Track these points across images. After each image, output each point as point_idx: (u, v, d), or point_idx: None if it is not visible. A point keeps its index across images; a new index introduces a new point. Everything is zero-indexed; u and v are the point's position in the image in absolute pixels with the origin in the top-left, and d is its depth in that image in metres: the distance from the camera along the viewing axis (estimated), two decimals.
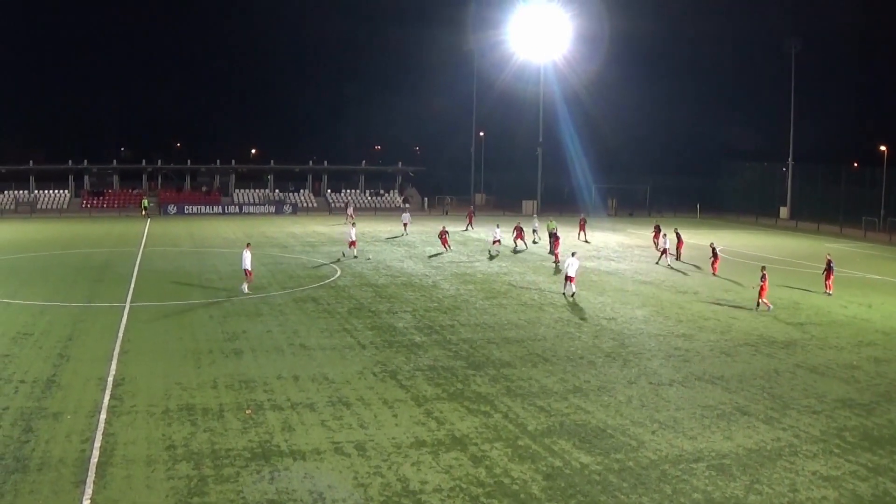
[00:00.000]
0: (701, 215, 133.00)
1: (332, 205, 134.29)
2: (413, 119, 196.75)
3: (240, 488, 23.16)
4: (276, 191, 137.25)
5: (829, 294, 57.43)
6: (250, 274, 53.86)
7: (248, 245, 56.96)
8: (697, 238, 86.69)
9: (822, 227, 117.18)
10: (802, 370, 38.23)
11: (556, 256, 71.79)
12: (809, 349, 42.53)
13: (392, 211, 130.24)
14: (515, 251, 79.09)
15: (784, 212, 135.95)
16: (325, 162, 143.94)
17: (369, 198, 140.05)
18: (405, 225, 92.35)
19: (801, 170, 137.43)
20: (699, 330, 46.25)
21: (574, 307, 51.52)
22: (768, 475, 25.43)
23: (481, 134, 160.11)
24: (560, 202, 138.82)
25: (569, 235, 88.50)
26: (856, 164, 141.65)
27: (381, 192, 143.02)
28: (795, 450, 27.76)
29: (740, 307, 52.99)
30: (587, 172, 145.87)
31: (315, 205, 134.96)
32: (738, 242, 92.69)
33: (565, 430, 28.93)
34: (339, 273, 62.60)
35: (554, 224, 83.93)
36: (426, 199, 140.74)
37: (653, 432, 29.04)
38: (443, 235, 78.11)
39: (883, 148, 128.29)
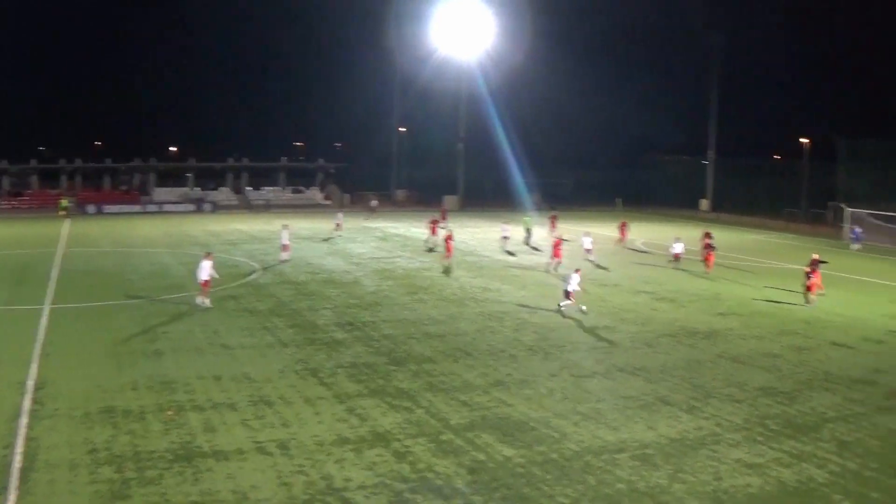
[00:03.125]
0: (623, 208, 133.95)
1: (252, 202, 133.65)
2: (335, 115, 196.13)
3: (163, 490, 23.10)
4: (196, 188, 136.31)
5: (823, 294, 55.10)
6: (206, 285, 49.40)
7: (208, 254, 51.47)
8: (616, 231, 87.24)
9: (743, 218, 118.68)
10: (724, 360, 38.89)
11: (557, 258, 65.03)
12: (731, 339, 43.25)
13: (313, 208, 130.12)
14: (430, 249, 78.85)
15: (705, 204, 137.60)
16: (246, 159, 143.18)
17: (290, 195, 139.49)
18: (338, 225, 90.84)
19: (723, 163, 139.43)
20: (620, 322, 46.78)
21: (496, 302, 51.78)
22: (692, 464, 25.88)
23: (403, 129, 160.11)
24: (482, 197, 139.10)
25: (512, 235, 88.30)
26: (778, 157, 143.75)
27: (302, 189, 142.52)
28: (718, 438, 28.28)
29: (661, 299, 53.64)
30: (511, 167, 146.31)
31: (235, 202, 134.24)
32: (660, 235, 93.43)
33: (488, 424, 29.19)
34: (259, 271, 62.36)
35: (529, 220, 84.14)
36: (347, 195, 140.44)
37: (575, 424, 29.39)
38: (448, 241, 69.72)
39: (805, 140, 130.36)
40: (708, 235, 72.01)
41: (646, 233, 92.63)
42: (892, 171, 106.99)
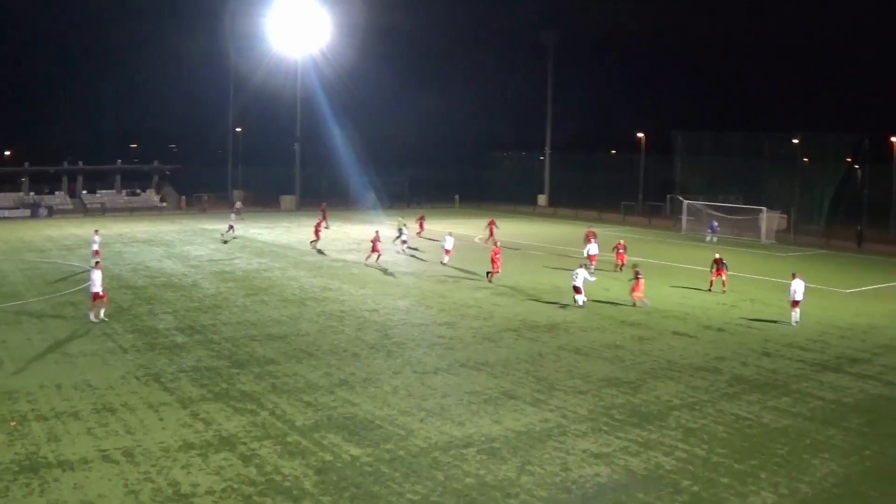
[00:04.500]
0: (460, 205, 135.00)
1: (88, 206, 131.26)
2: (169, 115, 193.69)
3: (10, 503, 22.92)
4: (32, 193, 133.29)
5: (724, 292, 56.70)
6: (104, 296, 46.94)
7: (97, 264, 49.40)
8: (467, 227, 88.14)
9: (580, 212, 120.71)
10: (566, 352, 39.82)
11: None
12: (572, 331, 44.26)
13: (149, 210, 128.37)
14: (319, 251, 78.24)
15: (542, 199, 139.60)
16: (81, 162, 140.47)
17: (126, 198, 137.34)
18: (231, 227, 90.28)
19: (560, 158, 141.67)
20: (461, 317, 47.45)
21: (337, 301, 51.99)
22: (539, 456, 26.60)
23: (238, 129, 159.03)
24: (318, 197, 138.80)
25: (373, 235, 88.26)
26: (614, 152, 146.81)
27: (138, 191, 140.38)
28: (564, 430, 29.06)
29: (502, 294, 54.46)
30: (347, 166, 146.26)
31: (71, 206, 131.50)
32: (498, 231, 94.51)
33: (333, 424, 29.51)
34: None
35: (402, 220, 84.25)
36: (184, 197, 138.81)
37: (421, 420, 29.91)
38: (375, 241, 69.88)
39: (640, 135, 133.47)
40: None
41: (480, 229, 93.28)
42: (726, 163, 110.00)
